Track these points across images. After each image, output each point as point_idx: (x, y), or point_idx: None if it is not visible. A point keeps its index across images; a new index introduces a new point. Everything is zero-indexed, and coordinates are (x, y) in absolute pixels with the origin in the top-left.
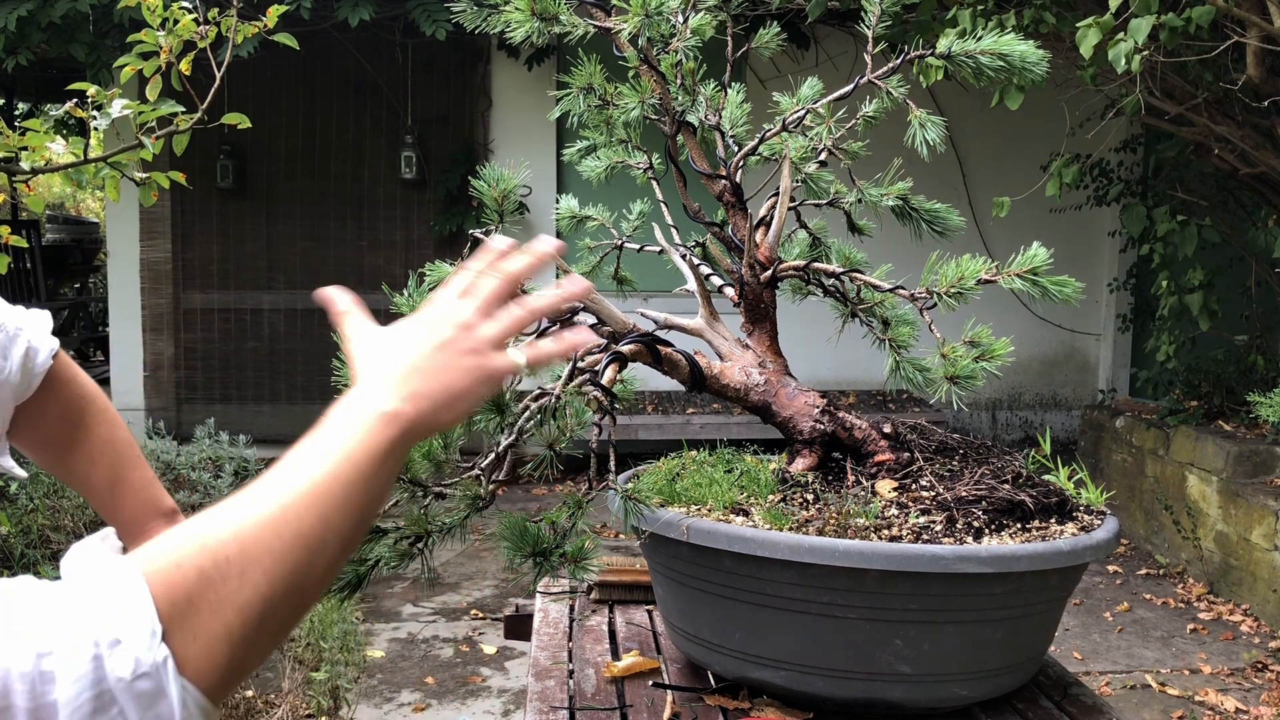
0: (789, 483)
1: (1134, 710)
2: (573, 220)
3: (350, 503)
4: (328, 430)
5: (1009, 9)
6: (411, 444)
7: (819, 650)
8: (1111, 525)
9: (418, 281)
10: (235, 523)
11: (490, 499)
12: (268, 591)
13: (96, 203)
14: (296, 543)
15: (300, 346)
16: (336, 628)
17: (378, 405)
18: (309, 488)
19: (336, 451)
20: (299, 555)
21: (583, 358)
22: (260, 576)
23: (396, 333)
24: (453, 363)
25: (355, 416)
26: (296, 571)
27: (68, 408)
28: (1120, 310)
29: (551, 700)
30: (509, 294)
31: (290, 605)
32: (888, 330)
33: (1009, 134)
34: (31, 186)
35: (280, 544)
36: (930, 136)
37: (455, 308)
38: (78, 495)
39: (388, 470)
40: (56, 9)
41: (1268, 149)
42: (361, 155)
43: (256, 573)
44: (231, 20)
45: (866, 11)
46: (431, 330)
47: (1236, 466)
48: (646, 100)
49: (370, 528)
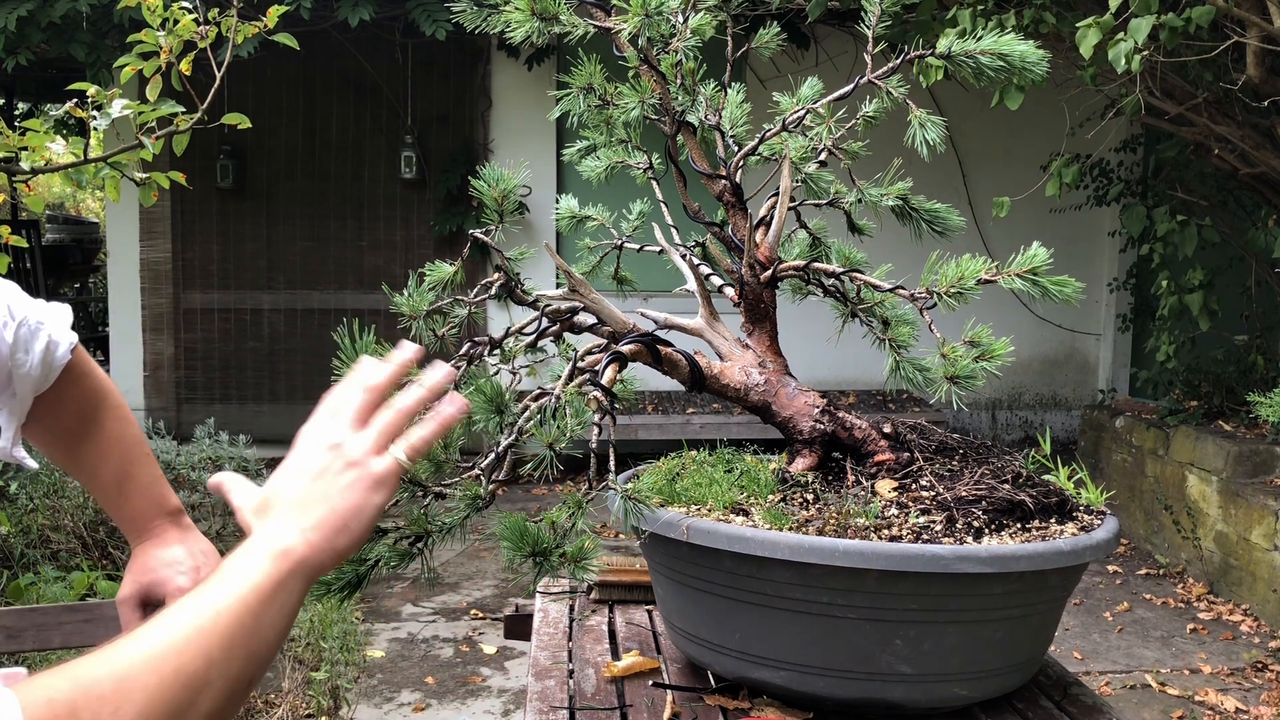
0: (789, 483)
1: (1134, 710)
2: (572, 220)
3: (235, 640)
4: (218, 574)
5: (1009, 9)
6: (312, 578)
7: (819, 650)
8: (1111, 525)
9: (418, 281)
10: (113, 662)
11: (490, 499)
12: None
13: (96, 203)
14: (176, 680)
15: (300, 346)
16: (336, 628)
17: (266, 544)
18: (192, 626)
19: (223, 590)
20: (178, 693)
21: (583, 358)
22: (134, 713)
23: (277, 478)
24: (334, 485)
25: (245, 557)
26: (176, 708)
27: (83, 401)
28: (1120, 310)
29: (551, 700)
30: (376, 403)
31: None
32: (888, 330)
33: (1009, 134)
34: (31, 186)
35: (158, 680)
36: (930, 136)
37: (324, 432)
38: (77, 495)
39: (278, 607)
40: (56, 9)
41: (1268, 149)
42: (361, 155)
43: (130, 710)
44: (231, 20)
45: (866, 11)
46: (307, 461)
47: (1236, 466)
48: (646, 100)
49: (263, 666)
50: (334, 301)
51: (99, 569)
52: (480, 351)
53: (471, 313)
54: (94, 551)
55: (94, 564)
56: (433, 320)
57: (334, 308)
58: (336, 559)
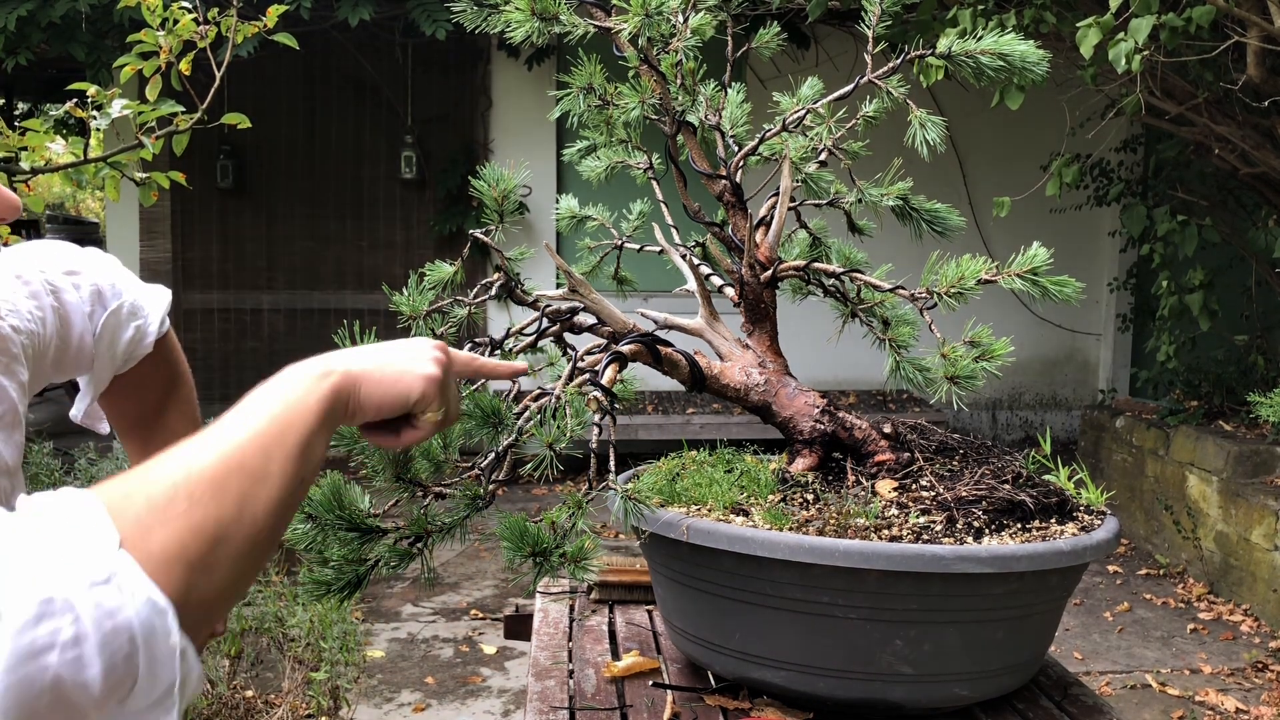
0: (789, 483)
1: (1134, 710)
2: (573, 220)
3: (287, 440)
4: (267, 387)
5: (1009, 9)
6: (345, 399)
7: (819, 650)
8: (1111, 525)
9: (418, 281)
10: (179, 457)
11: (490, 499)
12: (217, 513)
13: (96, 203)
14: (241, 471)
15: (300, 346)
16: (336, 628)
17: (311, 367)
18: (250, 427)
19: (275, 399)
20: (243, 483)
21: (583, 358)
22: (208, 497)
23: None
24: (387, 353)
25: (292, 375)
26: (243, 496)
27: (156, 391)
28: (1120, 310)
29: (551, 700)
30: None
31: (243, 534)
32: (888, 330)
33: (1009, 134)
34: (31, 186)
35: (224, 470)
36: (930, 136)
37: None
38: None
39: (321, 416)
40: (56, 9)
41: (1268, 149)
42: (361, 155)
43: (204, 494)
44: (231, 20)
45: (866, 11)
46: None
47: (1236, 466)
48: (646, 100)
49: (311, 474)
50: (334, 301)
51: None
52: (480, 352)
53: (471, 313)
54: None
55: None
56: (432, 320)
57: (334, 308)
58: (366, 401)
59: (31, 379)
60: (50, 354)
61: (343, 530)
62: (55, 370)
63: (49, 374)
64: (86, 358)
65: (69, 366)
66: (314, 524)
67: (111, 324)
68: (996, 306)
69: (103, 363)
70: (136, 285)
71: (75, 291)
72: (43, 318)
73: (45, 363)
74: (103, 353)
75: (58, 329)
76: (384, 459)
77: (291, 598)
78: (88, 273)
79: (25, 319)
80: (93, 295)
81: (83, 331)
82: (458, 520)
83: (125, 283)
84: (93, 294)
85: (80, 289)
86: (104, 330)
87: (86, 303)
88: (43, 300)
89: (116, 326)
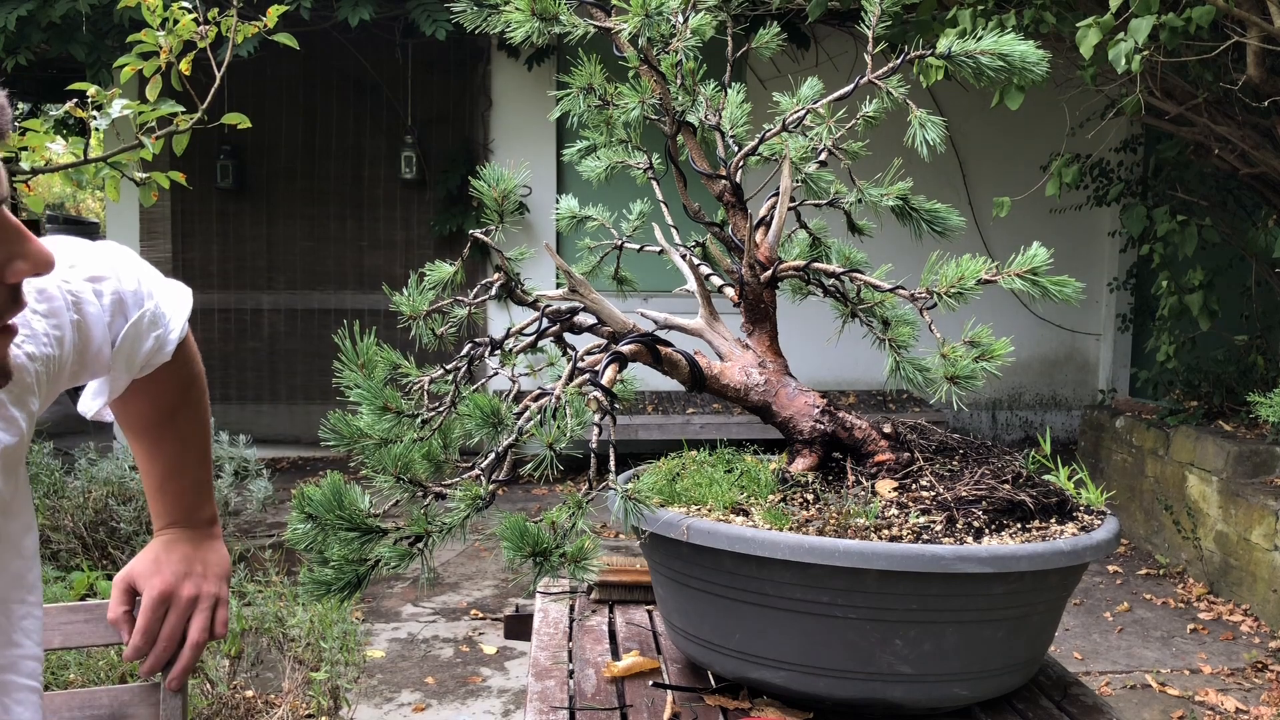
0: (789, 483)
1: (1134, 710)
2: (573, 220)
3: None
4: None
5: (1009, 9)
6: None
7: (819, 650)
8: (1111, 525)
9: (418, 281)
10: None
11: (490, 499)
12: None
13: (96, 203)
14: None
15: (300, 346)
16: (336, 628)
17: None
18: None
19: None
20: None
21: (583, 358)
22: None
23: None
24: None
25: None
26: None
27: (169, 397)
28: (1120, 310)
29: (551, 700)
30: None
31: None
32: (888, 330)
33: (1009, 134)
34: (31, 186)
35: None
36: (930, 136)
37: None
38: (78, 495)
39: None
40: (56, 9)
41: (1268, 149)
42: (361, 155)
43: None
44: (231, 20)
45: (866, 11)
46: None
47: (1236, 466)
48: (646, 100)
49: None
50: (334, 302)
51: (99, 569)
52: (481, 352)
53: (471, 313)
54: (94, 552)
55: (94, 564)
56: (432, 320)
57: (334, 308)
58: None
59: (44, 401)
60: (67, 371)
61: (343, 530)
62: (70, 382)
63: (63, 387)
64: (103, 367)
65: (84, 376)
66: (314, 524)
67: (131, 334)
68: (996, 306)
69: (119, 372)
70: (159, 287)
71: (97, 301)
72: (60, 337)
73: (60, 382)
74: (120, 363)
75: (75, 344)
76: (384, 459)
77: (291, 598)
78: (112, 278)
79: (41, 343)
80: (114, 304)
81: (101, 343)
82: (458, 520)
83: (149, 285)
84: (114, 303)
85: (102, 297)
86: (124, 341)
87: (107, 312)
88: (62, 318)
89: (136, 337)
